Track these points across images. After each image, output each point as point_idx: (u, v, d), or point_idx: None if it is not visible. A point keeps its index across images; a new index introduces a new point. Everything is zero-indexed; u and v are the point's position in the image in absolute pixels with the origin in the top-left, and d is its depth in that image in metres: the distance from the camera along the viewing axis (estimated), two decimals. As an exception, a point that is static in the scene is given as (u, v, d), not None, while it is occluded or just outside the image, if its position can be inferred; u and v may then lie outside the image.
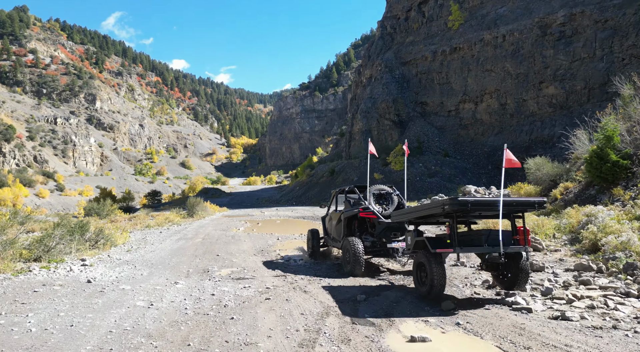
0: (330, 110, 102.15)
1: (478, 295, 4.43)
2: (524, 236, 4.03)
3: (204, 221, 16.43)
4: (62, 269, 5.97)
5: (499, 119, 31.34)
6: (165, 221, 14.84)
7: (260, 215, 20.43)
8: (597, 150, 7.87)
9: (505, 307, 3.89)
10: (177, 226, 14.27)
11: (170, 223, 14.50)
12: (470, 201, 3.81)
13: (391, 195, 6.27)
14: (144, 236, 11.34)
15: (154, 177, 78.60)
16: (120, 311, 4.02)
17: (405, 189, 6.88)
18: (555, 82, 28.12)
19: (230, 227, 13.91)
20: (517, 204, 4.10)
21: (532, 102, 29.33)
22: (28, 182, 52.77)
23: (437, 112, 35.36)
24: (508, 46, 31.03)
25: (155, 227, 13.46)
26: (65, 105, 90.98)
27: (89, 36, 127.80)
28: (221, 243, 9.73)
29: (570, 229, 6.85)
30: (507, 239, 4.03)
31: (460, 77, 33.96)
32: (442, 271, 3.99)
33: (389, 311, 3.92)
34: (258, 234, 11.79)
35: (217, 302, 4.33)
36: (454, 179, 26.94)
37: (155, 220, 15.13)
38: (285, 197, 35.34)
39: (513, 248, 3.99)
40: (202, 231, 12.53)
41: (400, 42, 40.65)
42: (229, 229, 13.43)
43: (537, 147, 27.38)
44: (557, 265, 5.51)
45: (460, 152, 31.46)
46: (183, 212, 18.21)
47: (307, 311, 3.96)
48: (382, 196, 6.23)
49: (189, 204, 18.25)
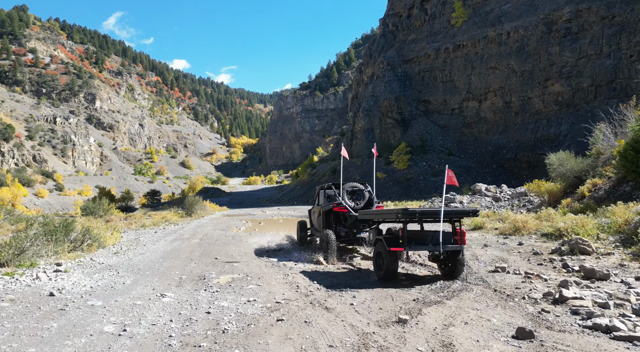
0: (330, 110, 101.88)
1: (547, 312, 3.63)
2: (460, 237, 5.00)
3: (202, 220, 15.77)
4: (28, 277, 4.98)
5: (503, 117, 30.84)
6: (162, 220, 14.25)
7: (261, 214, 19.76)
8: (633, 143, 7.14)
9: (600, 333, 3.04)
10: (174, 226, 13.59)
11: (167, 222, 13.90)
12: (418, 212, 4.93)
13: (363, 191, 7.09)
14: (138, 236, 10.68)
15: (154, 177, 78.21)
16: (78, 341, 3.00)
17: (374, 189, 7.62)
18: (561, 79, 27.63)
19: (231, 227, 13.20)
20: (455, 213, 5.23)
21: (537, 100, 28.83)
22: (27, 182, 52.36)
23: (440, 110, 34.86)
24: (513, 43, 30.54)
25: (151, 227, 12.80)
26: (64, 105, 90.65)
27: (88, 36, 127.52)
28: (220, 244, 8.92)
29: (617, 229, 6.22)
30: (449, 238, 5.01)
31: (464, 75, 33.47)
32: (394, 259, 4.99)
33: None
34: (260, 234, 11.08)
35: (214, 326, 3.37)
36: (458, 178, 26.32)
37: (151, 219, 14.62)
38: (287, 197, 34.84)
39: (451, 247, 4.93)
40: (201, 231, 11.84)
41: (402, 40, 40.17)
42: (229, 228, 12.76)
43: (543, 146, 26.89)
44: (621, 272, 4.77)
45: (464, 151, 30.96)
46: (182, 212, 17.49)
47: (336, 341, 3.02)
48: (355, 193, 7.08)
49: (187, 203, 17.70)
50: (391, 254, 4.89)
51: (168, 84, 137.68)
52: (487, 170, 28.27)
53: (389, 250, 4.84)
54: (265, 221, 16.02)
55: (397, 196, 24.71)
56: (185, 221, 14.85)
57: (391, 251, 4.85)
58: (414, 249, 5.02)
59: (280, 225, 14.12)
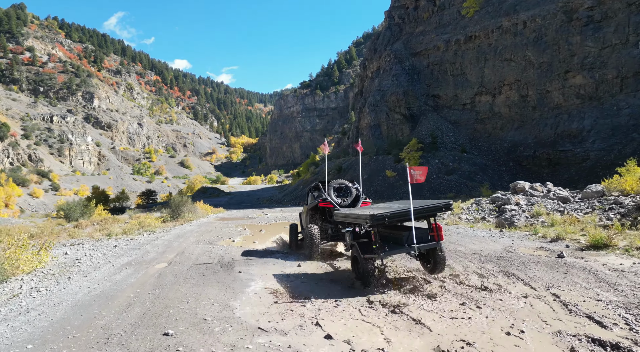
0: (331, 109, 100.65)
1: None
2: (437, 232, 4.87)
3: (188, 226, 12.92)
4: None
5: (519, 112, 28.98)
6: (137, 226, 11.40)
7: (262, 217, 16.98)
8: None
9: None
10: (148, 235, 10.56)
11: (141, 230, 11.06)
12: (387, 215, 4.66)
13: (350, 188, 6.98)
14: (86, 253, 7.81)
15: (152, 176, 76.84)
16: None
17: (361, 185, 7.49)
18: (583, 71, 25.78)
19: (222, 237, 10.22)
20: (427, 209, 4.95)
21: (557, 93, 26.98)
22: (22, 182, 51.10)
23: (450, 105, 33.01)
24: (529, 33, 28.69)
25: (118, 236, 10.05)
26: (62, 104, 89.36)
27: (87, 35, 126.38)
28: (195, 279, 5.53)
29: None
30: (425, 236, 4.89)
31: (476, 68, 31.62)
32: (370, 266, 4.82)
33: None
34: (263, 249, 7.97)
35: None
36: (474, 176, 24.60)
37: (128, 224, 11.78)
38: (288, 197, 33.05)
39: (428, 245, 4.85)
40: (178, 246, 8.65)
41: (409, 33, 38.37)
42: (219, 239, 9.80)
43: (564, 142, 25.05)
44: None
45: (478, 148, 29.11)
46: (166, 215, 14.53)
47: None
48: (342, 189, 6.98)
49: (173, 204, 14.71)
50: (366, 261, 4.82)
51: (167, 83, 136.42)
52: (504, 169, 26.41)
53: (363, 257, 4.80)
54: (268, 226, 13.20)
55: (408, 196, 22.88)
56: (167, 227, 12.15)
57: (365, 258, 4.78)
58: (388, 253, 4.83)
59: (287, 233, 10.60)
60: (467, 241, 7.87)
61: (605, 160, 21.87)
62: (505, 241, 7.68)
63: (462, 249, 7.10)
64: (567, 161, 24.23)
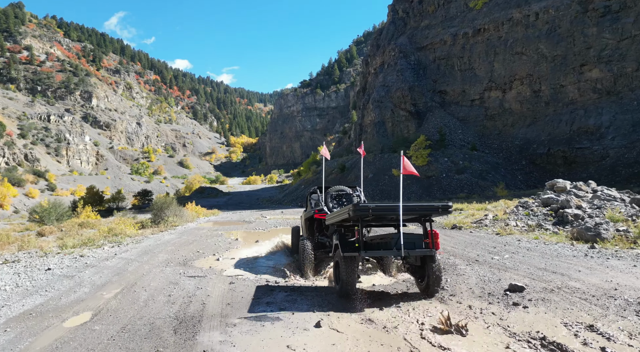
0: (332, 108, 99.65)
1: None
2: (432, 239, 4.23)
3: (168, 234, 10.69)
4: None
5: (531, 108, 27.63)
6: (107, 233, 9.51)
7: (260, 222, 14.82)
8: None
9: None
10: (111, 247, 8.60)
11: (106, 240, 9.17)
12: (372, 207, 4.02)
13: (350, 196, 6.30)
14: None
15: (151, 176, 75.78)
16: None
17: (362, 188, 6.70)
18: (600, 64, 24.43)
19: (204, 253, 7.89)
20: (419, 209, 4.44)
21: (572, 87, 25.63)
22: (17, 182, 50.12)
23: (458, 101, 31.66)
24: (542, 25, 27.35)
25: (74, 249, 8.05)
26: (60, 103, 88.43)
27: (86, 34, 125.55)
28: None
29: None
30: (419, 242, 4.28)
31: (485, 62, 30.28)
32: (351, 271, 4.20)
33: None
34: (257, 278, 5.69)
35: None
36: (485, 175, 23.25)
37: (96, 232, 9.82)
38: (289, 197, 31.74)
39: (419, 251, 4.21)
40: (132, 271, 6.33)
41: (414, 27, 37.04)
42: (200, 256, 7.54)
43: (581, 139, 23.70)
44: None
45: (488, 146, 27.76)
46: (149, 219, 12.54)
47: None
48: (341, 197, 6.30)
49: (155, 207, 12.79)
50: (346, 261, 4.22)
51: (167, 83, 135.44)
52: (516, 167, 25.06)
53: (342, 255, 4.23)
54: (266, 234, 10.94)
55: (417, 196, 21.61)
56: (142, 236, 10.09)
57: (345, 257, 4.22)
58: (371, 253, 4.30)
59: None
60: (562, 267, 5.46)
61: (627, 158, 20.52)
62: (623, 266, 5.34)
63: (577, 284, 4.55)
64: (584, 159, 22.88)
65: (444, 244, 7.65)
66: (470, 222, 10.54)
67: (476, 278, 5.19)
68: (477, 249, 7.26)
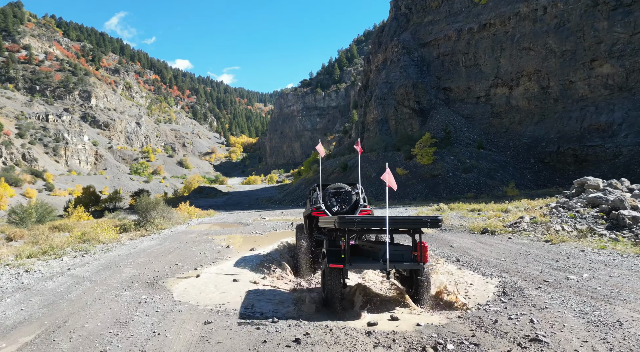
0: (332, 108, 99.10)
1: None
2: (420, 253, 4.10)
3: (148, 239, 9.42)
4: None
5: (539, 105, 26.79)
6: (79, 238, 8.15)
7: (258, 224, 13.50)
8: None
9: None
10: (72, 258, 7.24)
11: (73, 247, 7.86)
12: (357, 220, 4.07)
13: (350, 193, 6.18)
14: None
15: (150, 176, 75.12)
16: None
17: (361, 188, 6.31)
18: (612, 59, 23.59)
19: (184, 266, 6.59)
20: (405, 221, 4.45)
21: (581, 83, 24.78)
22: (14, 182, 49.60)
23: (463, 98, 30.82)
24: (550, 20, 26.51)
25: (28, 260, 6.81)
26: (59, 103, 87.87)
27: (85, 33, 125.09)
28: None
29: None
30: (407, 254, 4.20)
31: (491, 58, 29.44)
32: (336, 281, 4.10)
33: None
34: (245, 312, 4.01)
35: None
36: (494, 174, 22.40)
37: (69, 236, 8.61)
38: (289, 197, 30.92)
39: (406, 265, 4.13)
40: (74, 300, 4.70)
41: (417, 23, 36.21)
42: (179, 271, 6.25)
43: (592, 137, 22.84)
44: None
45: (495, 144, 26.92)
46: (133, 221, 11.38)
47: None
48: (340, 195, 6.20)
49: (140, 207, 11.42)
50: (332, 272, 4.05)
51: (167, 83, 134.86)
52: (525, 166, 24.21)
53: (328, 266, 4.07)
54: (264, 240, 9.58)
55: (422, 196, 20.77)
56: (119, 242, 8.84)
57: (331, 268, 4.04)
58: (356, 266, 4.14)
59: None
60: None
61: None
62: None
63: None
64: (596, 157, 22.03)
65: (485, 255, 6.61)
66: (503, 226, 9.23)
67: (574, 316, 3.53)
68: (534, 263, 5.86)
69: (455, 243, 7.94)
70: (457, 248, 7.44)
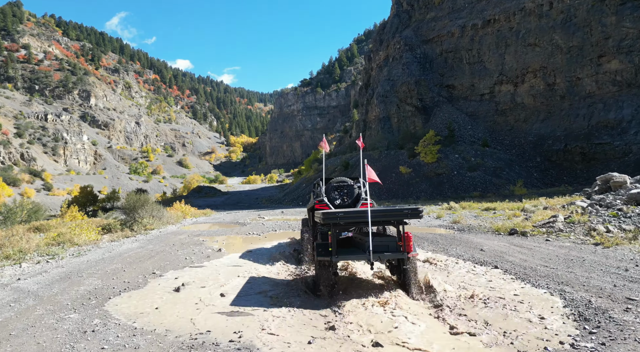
0: (332, 107, 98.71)
1: None
2: (404, 242, 4.29)
3: (129, 243, 8.55)
4: None
5: (545, 102, 26.20)
6: (53, 239, 7.34)
7: (256, 224, 12.69)
8: None
9: None
10: (34, 264, 6.42)
11: (42, 250, 7.13)
12: (340, 215, 4.27)
13: (352, 187, 6.29)
14: None
15: (149, 176, 74.68)
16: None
17: (362, 182, 6.17)
18: (620, 55, 23.00)
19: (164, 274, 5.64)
20: (387, 214, 4.48)
21: (589, 80, 24.19)
22: (12, 181, 49.29)
23: (467, 96, 30.24)
24: (556, 15, 25.93)
25: None
26: (58, 102, 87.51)
27: (85, 33, 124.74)
28: None
29: None
30: (392, 245, 4.38)
31: (496, 54, 28.86)
32: (326, 273, 4.38)
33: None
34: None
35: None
36: (500, 173, 21.82)
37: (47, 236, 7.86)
38: (289, 196, 30.37)
39: (390, 255, 4.31)
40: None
41: (419, 19, 35.65)
42: (151, 279, 5.31)
43: (601, 134, 22.26)
44: None
45: (499, 142, 26.33)
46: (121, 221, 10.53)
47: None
48: (342, 188, 6.33)
49: (127, 206, 10.68)
50: (321, 263, 4.36)
51: (166, 82, 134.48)
52: (531, 164, 23.63)
53: (317, 259, 4.34)
54: (262, 241, 8.74)
55: (427, 195, 20.18)
56: (96, 243, 8.07)
57: (319, 260, 4.33)
58: (342, 258, 4.30)
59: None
60: None
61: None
62: None
63: None
64: (604, 155, 21.44)
65: (526, 261, 5.58)
66: (532, 226, 8.18)
67: None
68: (597, 272, 4.70)
69: (485, 246, 6.94)
70: (489, 252, 6.42)
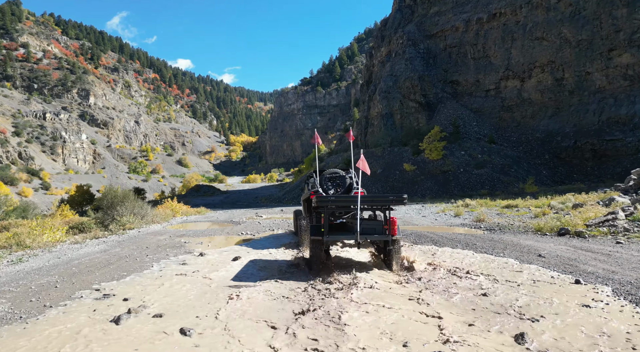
0: (333, 106, 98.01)
1: None
2: (389, 226, 4.97)
3: (95, 244, 7.44)
4: None
5: (554, 97, 25.42)
6: (6, 241, 6.53)
7: (251, 223, 11.79)
8: None
9: None
10: None
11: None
12: (331, 199, 4.94)
13: (344, 177, 6.62)
14: None
15: (149, 175, 74.08)
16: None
17: (360, 180, 6.46)
18: (632, 48, 22.23)
19: (109, 295, 3.99)
20: (374, 199, 5.63)
21: (599, 74, 23.42)
22: (10, 180, 48.79)
23: (471, 92, 29.47)
24: (565, 8, 25.15)
25: None
26: (57, 101, 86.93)
27: (84, 32, 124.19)
28: None
29: None
30: (379, 228, 5.06)
31: (502, 49, 28.09)
32: (317, 249, 5.01)
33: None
34: None
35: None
36: (508, 170, 21.07)
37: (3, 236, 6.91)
38: (289, 195, 29.66)
39: (377, 237, 5.01)
40: None
41: (422, 14, 34.86)
42: (82, 309, 3.52)
43: (612, 130, 21.48)
44: None
45: (506, 139, 25.57)
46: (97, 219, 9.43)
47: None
48: (335, 179, 6.66)
49: (105, 203, 9.52)
50: (314, 242, 4.93)
51: (166, 82, 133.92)
52: (540, 162, 22.87)
53: (311, 238, 4.94)
54: (256, 244, 7.68)
55: (432, 193, 19.45)
56: (53, 244, 7.06)
57: (312, 239, 4.92)
58: (332, 238, 4.98)
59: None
60: None
61: (669, 149, 18.33)
62: None
63: None
64: (616, 152, 20.68)
65: (615, 273, 4.40)
66: (585, 225, 7.08)
67: None
68: None
69: (543, 250, 5.77)
70: (551, 259, 5.20)
